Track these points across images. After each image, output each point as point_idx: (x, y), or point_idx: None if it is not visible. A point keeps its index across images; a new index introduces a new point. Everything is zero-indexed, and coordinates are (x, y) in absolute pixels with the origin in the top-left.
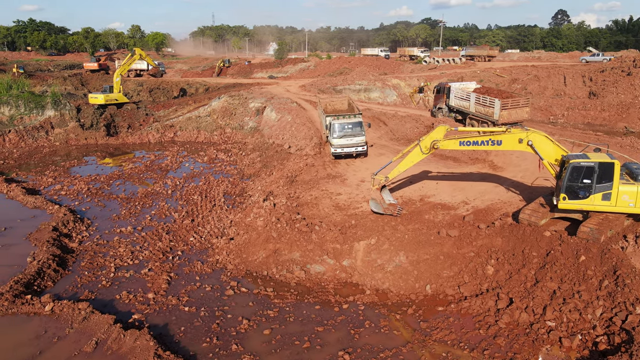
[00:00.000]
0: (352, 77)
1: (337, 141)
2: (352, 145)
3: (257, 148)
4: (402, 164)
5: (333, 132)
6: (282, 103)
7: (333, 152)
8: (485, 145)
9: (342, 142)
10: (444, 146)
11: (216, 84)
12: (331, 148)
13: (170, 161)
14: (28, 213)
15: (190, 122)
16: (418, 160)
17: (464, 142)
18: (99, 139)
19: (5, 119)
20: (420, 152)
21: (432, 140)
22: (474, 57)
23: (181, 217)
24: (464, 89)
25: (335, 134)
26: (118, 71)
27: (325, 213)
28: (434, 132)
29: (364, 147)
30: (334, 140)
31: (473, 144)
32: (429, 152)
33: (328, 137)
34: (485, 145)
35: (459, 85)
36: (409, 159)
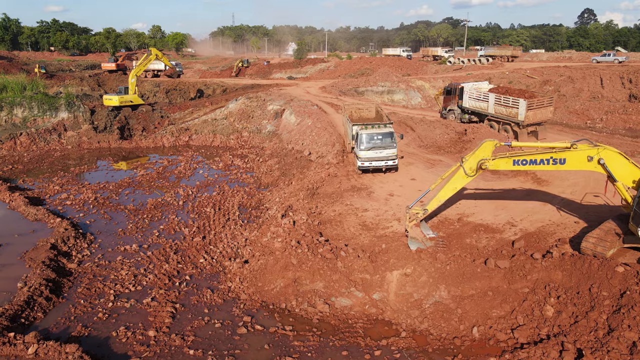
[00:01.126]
0: (375, 79)
1: (365, 154)
2: (381, 159)
3: (276, 154)
4: (443, 192)
5: (360, 144)
6: (302, 106)
7: (360, 165)
8: (545, 164)
9: (371, 155)
10: (494, 166)
11: (234, 84)
12: (357, 161)
13: (184, 167)
14: (28, 227)
15: (205, 125)
16: (462, 185)
17: (519, 162)
18: (112, 142)
19: (18, 121)
20: (464, 175)
21: (479, 160)
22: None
23: (191, 234)
24: (478, 89)
25: (362, 146)
26: (133, 72)
27: (351, 233)
28: (480, 149)
29: (395, 160)
30: (361, 152)
31: (530, 164)
32: (475, 174)
33: (354, 148)
34: (545, 165)
35: (472, 86)
36: (452, 185)
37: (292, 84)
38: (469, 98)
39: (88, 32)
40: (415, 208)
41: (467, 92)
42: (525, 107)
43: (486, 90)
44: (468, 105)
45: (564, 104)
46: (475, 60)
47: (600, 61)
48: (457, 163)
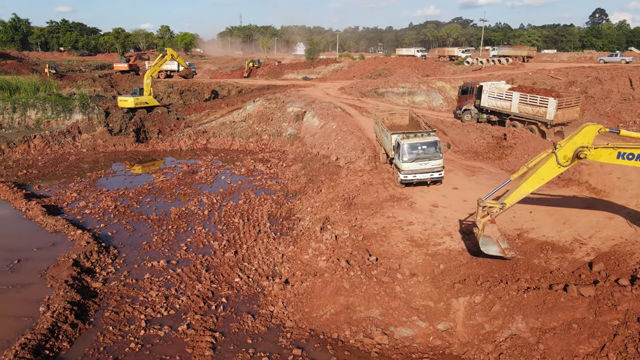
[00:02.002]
0: (395, 80)
1: (408, 166)
2: (426, 171)
3: (299, 159)
4: (528, 184)
5: (402, 155)
6: (325, 108)
7: (402, 179)
8: None
9: (414, 167)
10: (595, 157)
11: (249, 85)
12: (399, 174)
13: (205, 173)
14: (47, 239)
15: (224, 128)
16: (552, 176)
17: (625, 155)
18: (128, 145)
19: (31, 123)
20: (556, 164)
21: (577, 147)
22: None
23: (222, 248)
24: (499, 88)
25: (405, 157)
26: (148, 72)
27: (400, 251)
28: (580, 134)
29: (441, 172)
30: (404, 164)
31: (638, 159)
32: (569, 164)
33: (393, 159)
34: None
35: (491, 85)
36: (539, 176)
37: (308, 84)
38: (489, 97)
39: (97, 33)
40: (490, 201)
41: (487, 91)
42: (556, 106)
43: (504, 90)
44: (487, 105)
45: (593, 106)
46: (494, 60)
47: (607, 61)
48: (548, 149)
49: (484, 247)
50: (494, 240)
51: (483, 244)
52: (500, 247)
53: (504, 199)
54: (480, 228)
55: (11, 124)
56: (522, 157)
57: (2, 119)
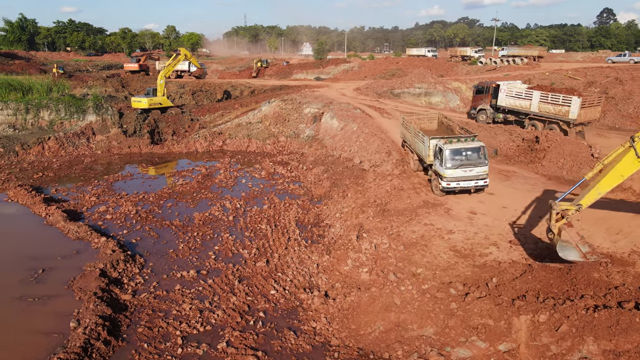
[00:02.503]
0: (410, 80)
1: (451, 173)
2: (470, 178)
3: (320, 161)
4: (605, 182)
5: (445, 161)
6: (343, 109)
7: (444, 187)
8: None
9: (458, 175)
10: None
11: (261, 86)
12: (441, 182)
13: (224, 176)
14: (70, 246)
15: (240, 129)
16: (632, 172)
17: None
18: (143, 147)
19: (45, 124)
20: (635, 158)
21: None
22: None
23: (252, 257)
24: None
25: (448, 164)
26: (162, 73)
27: (445, 262)
28: None
29: (486, 180)
30: (447, 171)
31: None
32: None
33: (430, 165)
34: None
35: (508, 84)
36: (617, 172)
37: (322, 85)
38: (507, 96)
39: (103, 33)
40: (564, 204)
41: (505, 90)
42: (580, 105)
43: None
44: (505, 104)
45: (615, 107)
46: (509, 60)
47: (615, 61)
48: (625, 143)
49: (562, 253)
50: (573, 245)
51: (561, 249)
52: (581, 252)
53: (580, 200)
54: (555, 233)
55: (24, 125)
56: (557, 160)
57: (15, 120)
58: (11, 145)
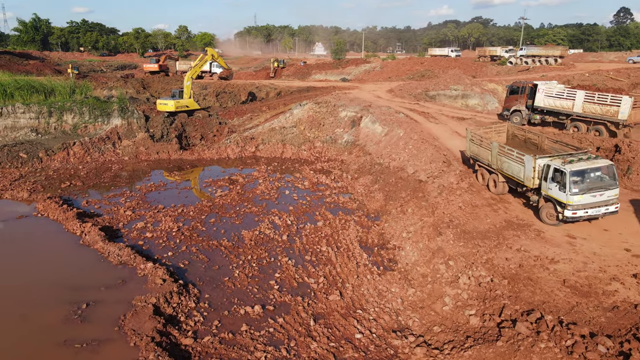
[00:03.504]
0: (446, 81)
1: (578, 199)
2: (599, 205)
3: (366, 170)
4: None
5: (569, 186)
6: (385, 113)
7: (569, 216)
8: None
9: (586, 201)
10: None
11: (286, 87)
12: (566, 210)
13: (265, 187)
14: (113, 273)
15: (273, 134)
16: None
17: None
18: (172, 152)
19: (68, 128)
20: None
21: None
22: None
23: (321, 287)
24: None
25: (574, 189)
26: (189, 74)
27: (564, 302)
28: None
29: (617, 205)
30: (573, 198)
31: None
32: None
33: (541, 190)
34: None
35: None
36: None
37: (351, 86)
38: (546, 96)
39: (115, 33)
40: None
41: (544, 90)
42: (631, 105)
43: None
44: (543, 105)
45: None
46: (540, 60)
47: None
48: None
49: None
50: None
51: None
52: None
53: None
54: None
55: (47, 129)
56: None
57: (37, 123)
58: (35, 151)
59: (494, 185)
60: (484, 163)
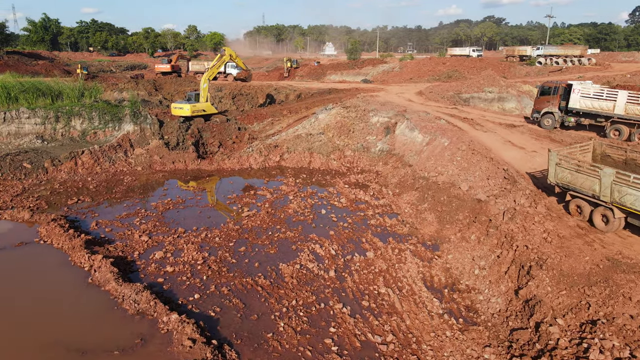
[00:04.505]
0: (479, 83)
1: None
2: None
3: (408, 184)
4: None
5: None
6: (424, 119)
7: None
8: None
9: None
10: None
11: (306, 89)
12: None
13: (297, 204)
14: (129, 328)
15: (299, 142)
16: None
17: None
18: (188, 162)
19: (76, 134)
20: None
21: None
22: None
23: (392, 352)
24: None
25: None
26: (206, 75)
27: None
28: None
29: None
30: None
31: None
32: None
33: None
34: None
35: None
36: None
37: (375, 88)
38: (582, 97)
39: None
40: None
41: (580, 90)
42: None
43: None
44: (579, 106)
45: None
46: (573, 60)
47: None
48: None
49: None
50: None
51: None
52: None
53: None
54: None
55: (54, 135)
56: None
57: (43, 129)
58: (40, 161)
59: (604, 222)
60: (584, 193)
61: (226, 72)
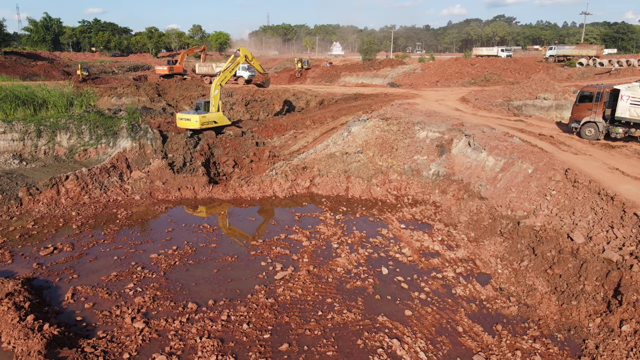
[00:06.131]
0: (531, 88)
1: None
2: None
3: (484, 225)
4: None
5: None
6: (490, 136)
7: None
8: None
9: None
10: None
11: (328, 94)
12: None
13: (346, 258)
14: None
15: (333, 162)
16: None
17: None
18: (198, 189)
19: (62, 152)
20: None
21: None
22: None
23: None
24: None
25: None
26: (217, 80)
27: None
28: None
29: None
30: None
31: None
32: None
33: None
34: None
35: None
36: None
37: (404, 94)
38: (633, 105)
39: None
40: None
41: (630, 97)
42: None
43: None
44: (629, 115)
45: None
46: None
47: None
48: None
49: None
50: None
51: None
52: None
53: None
54: None
55: (35, 153)
56: None
57: (22, 146)
58: (13, 189)
59: None
60: None
61: (236, 75)
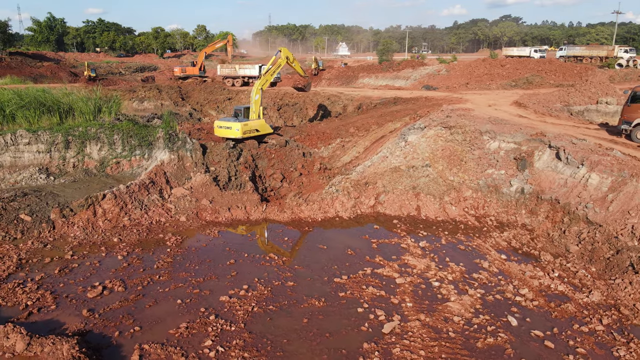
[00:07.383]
0: (591, 92)
1: None
2: None
3: (606, 257)
4: None
5: None
6: (583, 148)
7: None
8: None
9: None
10: None
11: (363, 97)
12: None
13: (459, 302)
14: None
15: (398, 177)
16: None
17: None
18: (250, 208)
19: (93, 165)
20: None
21: None
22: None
23: None
24: None
25: None
26: (259, 84)
27: None
28: None
29: None
30: None
31: None
32: None
33: None
34: None
35: None
36: None
37: (450, 98)
38: None
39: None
40: None
41: None
42: None
43: None
44: None
45: None
46: None
47: None
48: None
49: None
50: None
51: None
52: None
53: None
54: None
55: (63, 167)
56: None
57: (49, 159)
58: (44, 210)
59: None
60: None
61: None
